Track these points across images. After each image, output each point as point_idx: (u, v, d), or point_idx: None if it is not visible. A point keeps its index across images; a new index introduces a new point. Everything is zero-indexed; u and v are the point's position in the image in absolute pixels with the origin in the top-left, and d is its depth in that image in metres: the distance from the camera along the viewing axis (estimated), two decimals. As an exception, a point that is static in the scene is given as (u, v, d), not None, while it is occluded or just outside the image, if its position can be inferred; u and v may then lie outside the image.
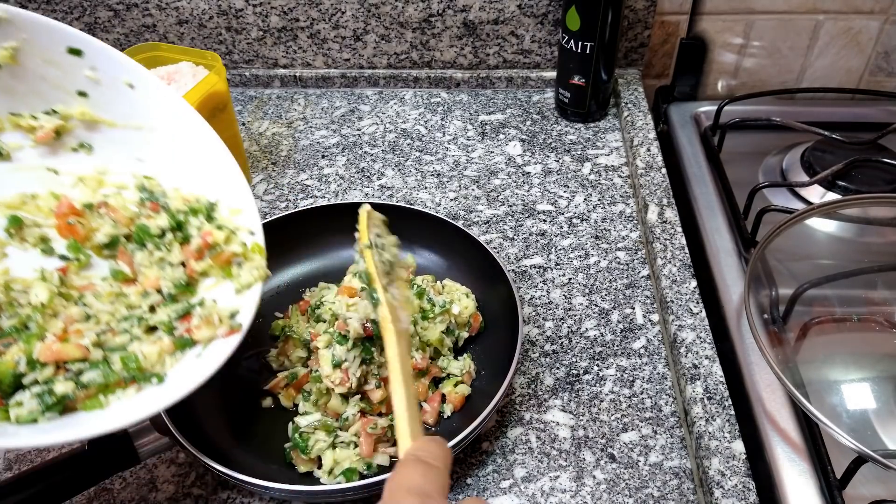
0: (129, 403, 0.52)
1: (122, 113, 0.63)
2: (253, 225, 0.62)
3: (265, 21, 1.02)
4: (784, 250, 0.78)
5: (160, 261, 0.60)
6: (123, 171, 0.64)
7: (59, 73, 0.61)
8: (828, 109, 1.01)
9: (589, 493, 0.62)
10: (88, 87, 0.62)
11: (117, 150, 0.64)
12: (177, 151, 0.64)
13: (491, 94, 1.06)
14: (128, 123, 0.63)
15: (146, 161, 0.64)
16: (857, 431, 0.63)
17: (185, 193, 0.64)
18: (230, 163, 0.63)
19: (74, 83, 0.62)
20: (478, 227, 0.86)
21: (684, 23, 1.00)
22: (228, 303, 0.58)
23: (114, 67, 0.62)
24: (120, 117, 0.63)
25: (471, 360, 0.69)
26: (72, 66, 0.61)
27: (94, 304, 0.57)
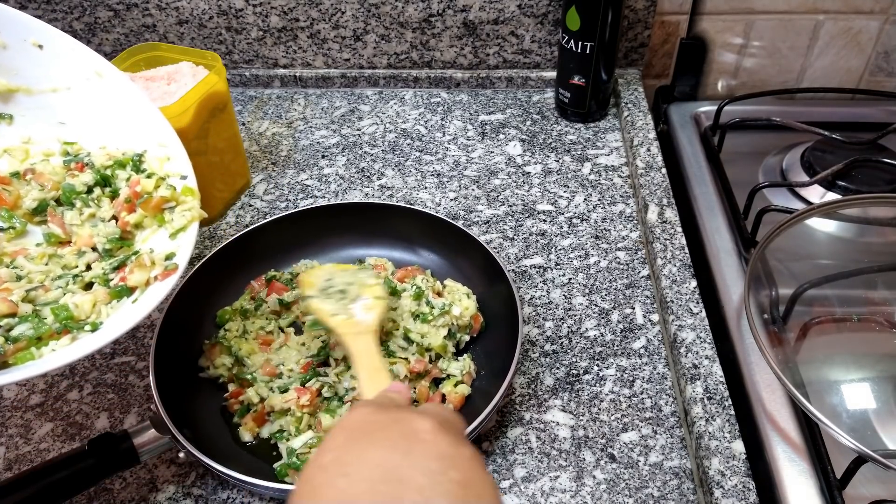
0: (63, 351, 0.52)
1: (35, 76, 0.62)
2: (184, 169, 0.62)
3: (265, 21, 1.02)
4: (784, 250, 0.78)
5: (91, 217, 0.60)
6: (48, 138, 0.64)
7: None
8: (828, 109, 1.01)
9: (589, 493, 0.62)
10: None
11: (38, 117, 0.63)
12: (97, 108, 0.63)
13: (491, 94, 1.06)
14: (44, 88, 0.63)
15: (68, 123, 0.64)
16: (857, 431, 0.63)
17: (111, 150, 0.63)
18: (153, 112, 0.62)
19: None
20: (478, 227, 0.86)
21: (684, 23, 1.00)
22: (165, 248, 0.58)
23: (18, 29, 0.61)
24: (34, 81, 0.63)
25: (471, 360, 0.68)
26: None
27: (25, 265, 0.57)
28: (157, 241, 0.60)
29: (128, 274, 0.56)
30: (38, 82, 0.63)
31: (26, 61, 0.62)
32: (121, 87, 0.63)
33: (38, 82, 0.63)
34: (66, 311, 0.54)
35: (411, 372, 0.65)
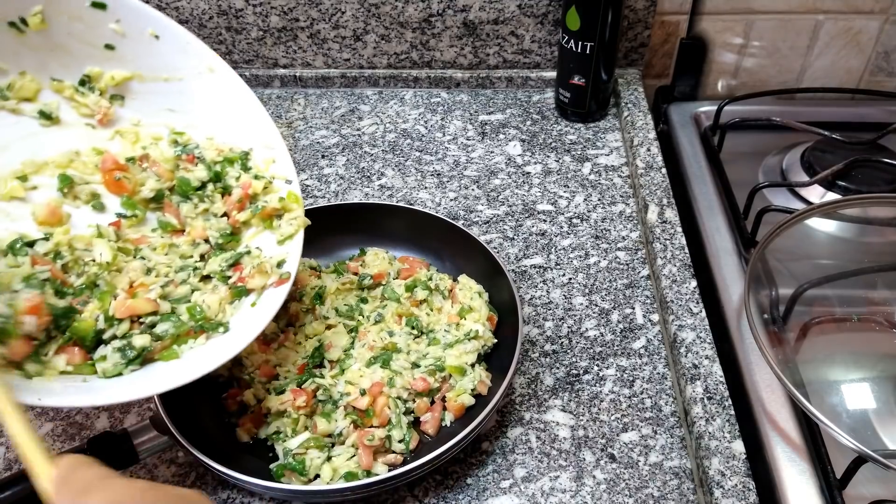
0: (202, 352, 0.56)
1: (149, 64, 0.65)
2: (288, 173, 0.65)
3: (265, 21, 1.02)
4: (784, 250, 0.78)
5: (204, 212, 0.64)
6: (157, 122, 0.66)
7: (84, 27, 0.63)
8: (828, 109, 1.01)
9: (589, 493, 0.61)
10: (115, 40, 0.64)
11: (148, 102, 0.66)
12: (206, 100, 0.65)
13: (491, 94, 1.06)
14: (156, 75, 0.65)
15: (177, 111, 0.66)
16: (857, 431, 0.63)
17: (219, 143, 0.66)
18: (261, 112, 0.65)
19: (101, 37, 0.63)
20: (478, 227, 0.86)
21: (684, 23, 1.00)
22: (272, 252, 0.62)
23: (138, 19, 0.63)
24: (147, 69, 0.65)
25: (484, 370, 0.67)
26: (97, 20, 0.62)
27: (151, 256, 0.61)
28: (263, 242, 0.63)
29: (248, 277, 0.60)
30: (151, 70, 0.65)
31: (142, 50, 0.64)
32: (232, 84, 0.65)
33: (151, 70, 0.65)
34: (201, 312, 0.58)
35: (412, 387, 0.64)
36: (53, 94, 0.64)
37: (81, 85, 0.65)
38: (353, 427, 0.62)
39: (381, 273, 0.72)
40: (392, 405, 0.62)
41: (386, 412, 0.62)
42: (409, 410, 0.64)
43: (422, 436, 0.64)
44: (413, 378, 0.64)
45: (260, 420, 0.64)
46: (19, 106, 0.63)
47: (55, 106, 0.64)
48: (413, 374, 0.64)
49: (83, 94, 0.64)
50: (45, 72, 0.63)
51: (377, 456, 0.61)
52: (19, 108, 0.63)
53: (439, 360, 0.66)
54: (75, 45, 0.63)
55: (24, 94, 0.63)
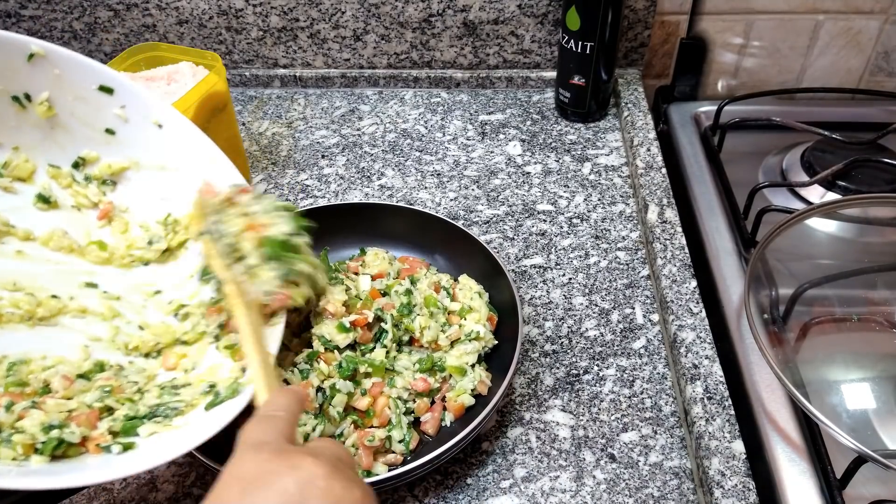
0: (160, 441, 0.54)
1: (145, 151, 0.65)
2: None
3: (265, 21, 1.02)
4: (784, 250, 0.78)
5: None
6: (147, 210, 0.66)
7: (88, 109, 0.63)
8: (828, 109, 1.01)
9: (589, 493, 0.61)
10: (116, 125, 0.64)
11: (140, 189, 0.66)
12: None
13: (491, 94, 1.06)
14: (153, 164, 0.65)
15: (169, 199, 0.65)
16: (857, 431, 0.63)
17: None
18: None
19: (103, 121, 0.63)
20: (478, 227, 0.86)
21: (684, 23, 1.00)
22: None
23: (143, 107, 0.63)
24: (144, 157, 0.65)
25: (484, 370, 0.67)
26: (101, 104, 0.62)
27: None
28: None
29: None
30: (148, 158, 0.65)
31: (142, 138, 0.64)
32: (232, 176, 0.64)
33: (148, 158, 0.65)
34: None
35: (413, 387, 0.64)
36: (49, 179, 0.63)
37: (75, 167, 0.64)
38: (354, 427, 0.62)
39: (381, 273, 0.72)
40: (392, 405, 0.62)
41: (386, 412, 0.62)
42: (409, 410, 0.64)
43: (422, 436, 0.64)
44: (413, 378, 0.64)
45: None
46: (12, 185, 0.62)
47: (51, 189, 0.63)
48: (413, 374, 0.64)
49: (83, 184, 0.64)
50: (40, 149, 0.63)
51: (377, 456, 0.61)
52: (12, 188, 0.62)
53: (442, 358, 0.66)
54: (76, 125, 0.63)
55: (19, 173, 0.62)
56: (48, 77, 0.60)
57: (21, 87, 0.60)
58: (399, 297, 0.67)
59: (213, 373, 0.58)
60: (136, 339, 0.60)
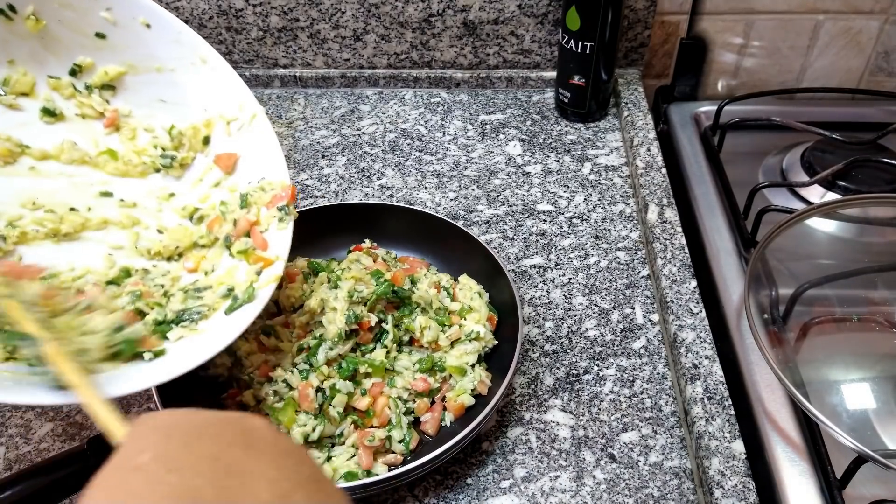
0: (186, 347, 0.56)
1: (140, 54, 0.65)
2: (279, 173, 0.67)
3: (265, 21, 1.02)
4: (784, 250, 0.78)
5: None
6: (148, 113, 0.66)
7: (75, 15, 0.62)
8: (828, 109, 1.01)
9: (589, 493, 0.61)
10: (106, 29, 0.63)
11: (139, 93, 0.66)
12: (198, 91, 0.65)
13: (491, 94, 1.06)
14: (148, 66, 0.65)
15: (168, 102, 0.66)
16: (857, 431, 0.63)
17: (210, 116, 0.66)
18: (253, 103, 0.65)
19: (92, 25, 0.63)
20: (478, 227, 0.86)
21: (684, 23, 1.00)
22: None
23: (129, 7, 0.63)
24: (138, 59, 0.65)
25: (484, 370, 0.67)
26: (87, 8, 0.62)
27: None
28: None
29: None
30: (142, 60, 0.65)
31: (133, 39, 0.64)
32: (224, 74, 0.65)
33: (142, 60, 0.65)
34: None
35: (412, 387, 0.64)
36: (51, 91, 0.64)
37: (72, 75, 0.64)
38: (354, 427, 0.62)
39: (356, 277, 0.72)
40: (392, 405, 0.62)
41: (386, 412, 0.62)
42: (410, 410, 0.64)
43: (422, 436, 0.64)
44: (413, 378, 0.64)
45: None
46: (17, 101, 0.63)
47: (55, 101, 0.64)
48: (413, 374, 0.64)
49: (85, 94, 0.64)
50: (34, 61, 0.63)
51: (377, 456, 0.61)
52: (17, 104, 0.63)
53: (442, 358, 0.66)
54: (66, 33, 0.63)
55: (20, 88, 0.63)
56: (32, 5, 0.60)
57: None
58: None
59: (230, 275, 0.60)
60: (156, 244, 0.62)
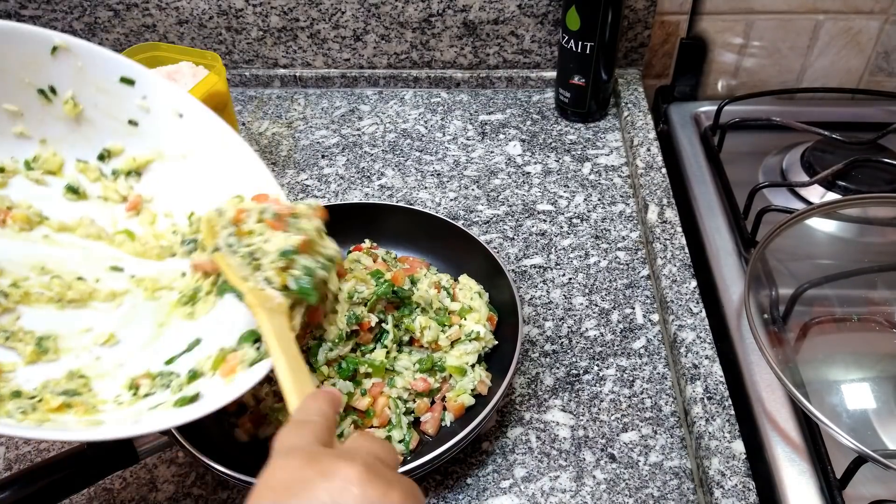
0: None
1: (168, 141, 0.66)
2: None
3: (265, 21, 1.02)
4: (784, 250, 0.78)
5: None
6: (170, 199, 0.66)
7: (110, 101, 0.64)
8: (828, 109, 1.01)
9: (589, 493, 0.61)
10: (139, 116, 0.65)
11: (164, 178, 0.66)
12: (219, 175, 0.65)
13: (491, 94, 1.06)
14: (174, 153, 0.66)
15: (191, 187, 0.66)
16: (857, 431, 0.63)
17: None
18: (269, 180, 0.64)
19: (125, 112, 0.64)
20: (478, 227, 0.86)
21: (684, 23, 1.00)
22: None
23: (164, 97, 0.64)
24: (167, 147, 0.66)
25: (484, 370, 0.67)
26: (124, 95, 0.64)
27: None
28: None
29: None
30: (170, 147, 0.66)
31: (164, 127, 0.65)
32: (248, 160, 0.65)
33: (170, 147, 0.66)
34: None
35: (413, 387, 0.64)
36: (77, 173, 0.65)
37: (100, 160, 0.65)
38: (354, 427, 0.62)
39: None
40: (392, 405, 0.62)
41: (386, 412, 0.62)
42: (410, 410, 0.64)
43: (422, 436, 0.64)
44: (413, 378, 0.64)
45: (259, 420, 0.64)
46: (43, 177, 0.63)
47: (80, 182, 0.65)
48: (413, 374, 0.64)
49: (111, 179, 0.65)
50: (66, 142, 0.64)
51: (377, 456, 0.61)
52: (43, 180, 0.63)
53: (442, 358, 0.66)
54: (99, 117, 0.64)
55: (48, 167, 0.63)
56: (71, 69, 0.61)
57: (46, 81, 0.61)
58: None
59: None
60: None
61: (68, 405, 0.53)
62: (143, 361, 0.58)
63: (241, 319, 0.58)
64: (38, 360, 0.55)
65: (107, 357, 0.58)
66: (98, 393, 0.55)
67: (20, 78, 0.60)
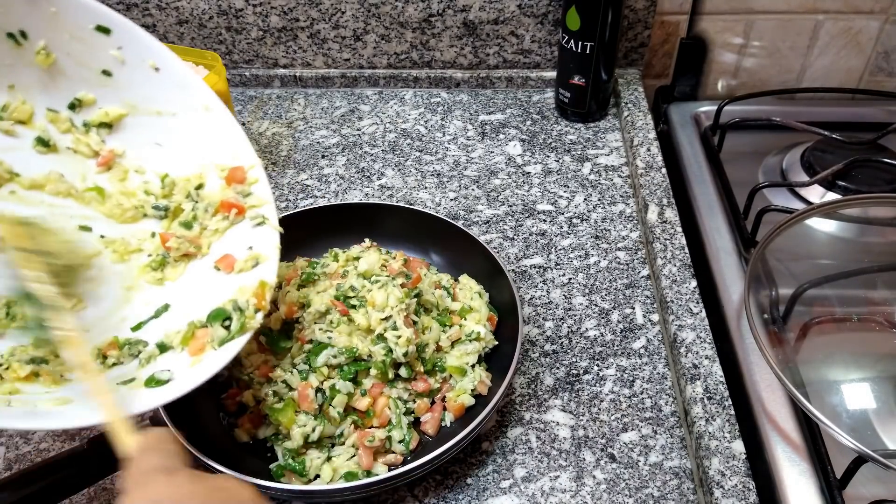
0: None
1: (143, 95, 0.64)
2: (268, 213, 0.64)
3: (265, 21, 1.02)
4: (784, 250, 0.78)
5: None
6: (142, 156, 0.65)
7: (84, 49, 0.61)
8: (828, 109, 1.01)
9: (589, 493, 0.61)
10: (113, 67, 0.63)
11: (136, 134, 0.65)
12: (196, 138, 0.64)
13: (491, 94, 1.06)
14: (149, 108, 0.64)
15: (164, 146, 0.65)
16: (857, 431, 0.63)
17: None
18: (251, 155, 0.64)
19: (100, 61, 0.62)
20: (478, 227, 0.86)
21: (684, 23, 1.00)
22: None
23: (141, 49, 0.62)
24: (141, 100, 0.64)
25: (484, 370, 0.67)
26: (98, 44, 0.61)
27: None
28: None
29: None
30: (145, 102, 0.64)
31: (139, 80, 0.63)
32: (225, 124, 0.64)
33: (145, 102, 0.64)
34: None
35: (414, 388, 0.64)
36: (48, 123, 0.63)
37: (71, 109, 0.63)
38: (354, 427, 0.62)
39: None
40: (392, 405, 0.62)
41: (386, 413, 0.62)
42: (410, 411, 0.64)
43: (422, 436, 0.64)
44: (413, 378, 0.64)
45: (259, 420, 0.64)
46: (13, 128, 0.62)
47: (50, 133, 0.63)
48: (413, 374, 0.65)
49: (82, 131, 0.64)
50: (35, 90, 0.62)
51: (377, 456, 0.61)
52: (13, 130, 0.62)
53: (442, 357, 0.66)
54: (71, 66, 0.62)
55: (18, 116, 0.62)
56: (45, 14, 0.59)
57: (16, 24, 0.59)
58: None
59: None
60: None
61: (36, 374, 0.52)
62: (110, 327, 0.58)
63: (210, 291, 0.59)
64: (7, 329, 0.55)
65: (72, 322, 0.56)
66: (65, 360, 0.54)
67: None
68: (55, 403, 0.51)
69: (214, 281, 0.60)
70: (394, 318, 0.63)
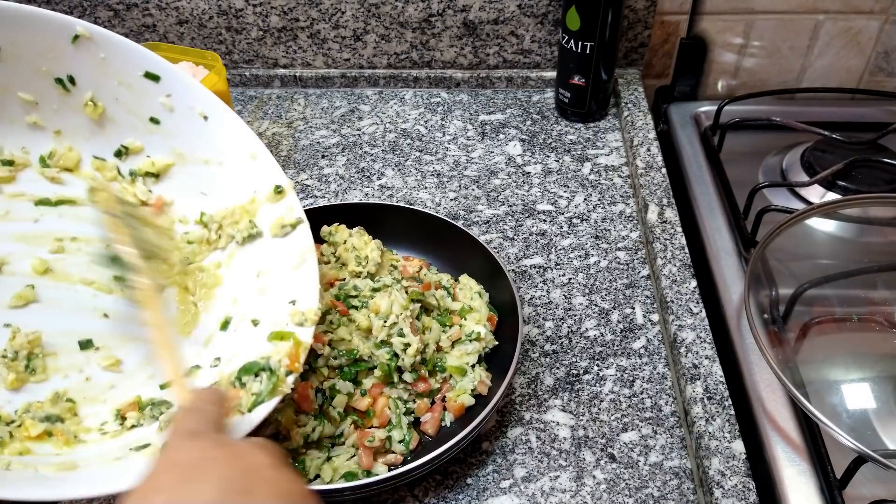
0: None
1: (191, 143, 0.63)
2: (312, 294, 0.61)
3: (265, 21, 1.02)
4: (784, 250, 0.78)
5: None
6: (187, 205, 0.64)
7: (132, 97, 0.61)
8: (828, 109, 1.01)
9: (589, 493, 0.62)
10: (161, 114, 0.62)
11: (182, 183, 0.64)
12: (241, 187, 0.63)
13: (491, 94, 1.06)
14: (196, 157, 0.63)
15: (209, 195, 0.63)
16: (857, 431, 0.63)
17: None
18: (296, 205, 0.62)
19: (147, 109, 0.61)
20: (478, 227, 0.86)
21: (684, 23, 1.00)
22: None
23: (190, 96, 0.61)
24: (189, 148, 0.63)
25: (484, 370, 0.67)
26: (147, 91, 0.60)
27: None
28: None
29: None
30: (192, 150, 0.63)
31: (187, 128, 0.62)
32: (272, 172, 0.62)
33: (192, 150, 0.63)
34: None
35: (415, 387, 0.64)
36: (94, 171, 0.62)
37: (117, 156, 0.62)
38: (354, 427, 0.62)
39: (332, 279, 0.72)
40: (392, 406, 0.62)
41: (386, 412, 0.62)
42: (410, 411, 0.64)
43: (422, 436, 0.64)
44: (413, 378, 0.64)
45: None
46: (60, 175, 0.61)
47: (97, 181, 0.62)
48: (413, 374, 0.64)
49: (128, 181, 0.63)
50: (82, 136, 0.61)
51: (377, 456, 0.61)
52: (59, 178, 0.60)
53: (442, 358, 0.66)
54: (120, 112, 0.61)
55: (64, 163, 0.61)
56: (93, 60, 0.58)
57: (64, 70, 0.58)
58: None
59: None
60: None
61: (49, 433, 0.50)
62: (136, 384, 0.56)
63: (242, 345, 0.57)
64: (25, 382, 0.53)
65: (98, 378, 0.55)
66: (83, 419, 0.53)
67: (37, 66, 0.57)
68: (58, 469, 0.48)
69: (249, 335, 0.58)
70: (399, 325, 0.63)
